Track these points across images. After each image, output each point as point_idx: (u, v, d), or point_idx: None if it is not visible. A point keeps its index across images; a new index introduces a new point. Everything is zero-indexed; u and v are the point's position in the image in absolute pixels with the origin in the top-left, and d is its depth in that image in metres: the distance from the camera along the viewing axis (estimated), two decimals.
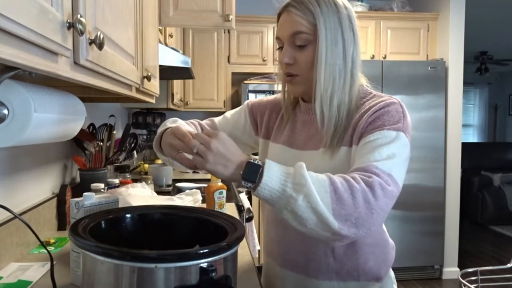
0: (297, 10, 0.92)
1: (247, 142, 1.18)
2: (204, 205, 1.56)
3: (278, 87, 1.09)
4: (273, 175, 0.76)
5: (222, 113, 3.89)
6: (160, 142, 0.96)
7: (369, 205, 0.76)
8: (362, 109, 0.94)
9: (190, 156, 0.83)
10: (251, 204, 3.09)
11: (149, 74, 1.25)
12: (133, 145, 2.13)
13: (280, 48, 0.99)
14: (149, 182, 2.07)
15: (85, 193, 0.96)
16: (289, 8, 0.94)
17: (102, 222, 0.82)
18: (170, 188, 2.35)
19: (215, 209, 1.44)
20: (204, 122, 1.18)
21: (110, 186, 1.59)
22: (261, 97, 1.21)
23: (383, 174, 0.80)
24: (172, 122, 1.07)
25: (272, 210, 1.03)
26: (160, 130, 1.01)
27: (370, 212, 0.76)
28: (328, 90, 0.92)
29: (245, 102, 1.20)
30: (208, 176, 2.16)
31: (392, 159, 0.83)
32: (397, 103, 0.92)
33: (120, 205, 1.04)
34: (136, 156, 2.78)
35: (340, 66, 0.92)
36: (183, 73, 2.29)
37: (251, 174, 0.77)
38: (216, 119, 1.21)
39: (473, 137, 7.71)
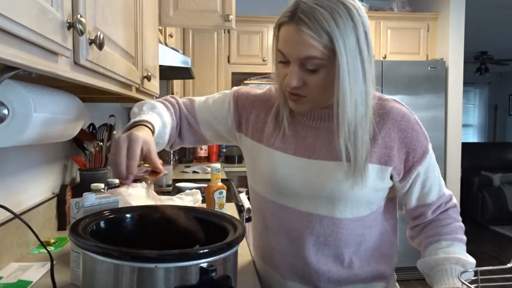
0: (309, 30, 0.78)
1: (226, 136, 1.06)
2: (204, 205, 1.56)
3: None
4: None
5: None
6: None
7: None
8: (378, 118, 0.89)
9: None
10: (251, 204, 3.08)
11: (149, 74, 1.25)
12: None
13: (282, 63, 0.86)
14: (149, 182, 2.07)
15: (85, 193, 0.96)
16: (299, 24, 0.79)
17: (102, 222, 0.82)
18: (170, 188, 2.35)
19: (215, 209, 1.44)
20: (182, 102, 1.05)
21: (110, 186, 1.59)
22: (250, 88, 1.07)
23: (445, 199, 0.97)
24: (150, 108, 0.94)
25: (276, 219, 0.97)
26: (134, 118, 0.88)
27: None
28: (352, 123, 0.83)
29: (232, 90, 1.05)
30: (208, 176, 2.15)
31: (436, 173, 0.96)
32: (410, 113, 0.94)
33: (120, 205, 1.04)
34: None
35: (361, 92, 0.83)
36: (183, 73, 2.29)
37: None
38: (196, 102, 1.06)
39: (473, 137, 7.71)
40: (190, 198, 1.63)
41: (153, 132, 0.86)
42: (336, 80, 0.81)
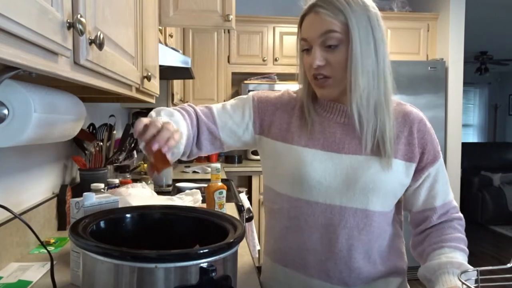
0: (326, 10, 0.90)
1: (245, 140, 1.06)
2: (204, 205, 1.56)
3: (277, 87, 1.08)
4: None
5: None
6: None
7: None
8: (400, 119, 0.98)
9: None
10: (251, 204, 3.09)
11: (149, 74, 1.25)
12: (133, 145, 2.13)
13: (306, 50, 0.95)
14: (149, 182, 2.07)
15: (85, 193, 0.96)
16: (317, 8, 0.91)
17: (102, 222, 0.82)
18: (170, 188, 2.35)
19: (215, 209, 1.44)
20: (200, 110, 1.05)
21: (110, 186, 1.59)
22: (268, 92, 1.09)
23: (451, 207, 1.01)
24: (168, 115, 0.95)
25: (304, 217, 0.97)
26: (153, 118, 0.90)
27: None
28: (365, 90, 0.91)
29: (249, 95, 1.08)
30: (208, 176, 2.16)
31: (445, 180, 1.01)
32: (425, 118, 1.01)
33: (120, 205, 1.04)
34: (136, 156, 2.78)
35: (373, 65, 0.91)
36: (183, 73, 2.29)
37: None
38: (214, 108, 1.06)
39: (473, 137, 7.71)
40: (190, 198, 1.63)
41: None
42: (349, 51, 0.89)
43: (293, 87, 1.10)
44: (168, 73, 2.26)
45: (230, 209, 1.82)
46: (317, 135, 0.98)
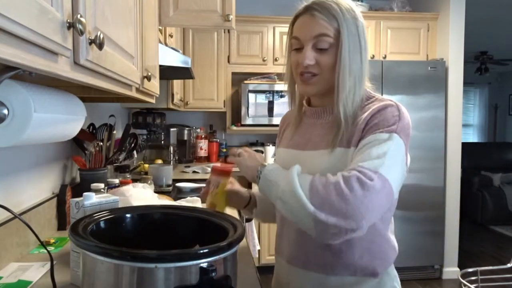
0: (321, 14, 0.96)
1: None
2: (204, 205, 1.56)
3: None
4: (271, 170, 0.94)
5: (222, 113, 3.87)
6: None
7: (342, 195, 0.81)
8: (364, 112, 0.97)
9: None
10: None
11: (149, 74, 1.25)
12: (133, 145, 2.14)
13: (296, 50, 1.00)
14: (149, 182, 2.08)
15: (85, 193, 0.96)
16: (312, 11, 0.97)
17: (102, 222, 0.82)
18: (170, 188, 2.35)
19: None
20: None
21: (110, 186, 1.60)
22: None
23: (367, 171, 0.84)
24: None
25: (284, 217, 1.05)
26: None
27: (344, 202, 0.80)
28: (350, 92, 0.97)
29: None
30: (208, 176, 2.16)
31: (382, 158, 0.86)
32: (394, 105, 0.95)
33: (121, 205, 1.04)
34: (136, 156, 2.78)
35: (358, 70, 0.97)
36: (183, 73, 2.29)
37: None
38: None
39: (473, 137, 7.71)
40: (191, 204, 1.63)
41: None
42: (339, 55, 0.95)
43: None
44: (168, 73, 2.27)
45: (230, 209, 1.82)
46: (294, 136, 1.08)
